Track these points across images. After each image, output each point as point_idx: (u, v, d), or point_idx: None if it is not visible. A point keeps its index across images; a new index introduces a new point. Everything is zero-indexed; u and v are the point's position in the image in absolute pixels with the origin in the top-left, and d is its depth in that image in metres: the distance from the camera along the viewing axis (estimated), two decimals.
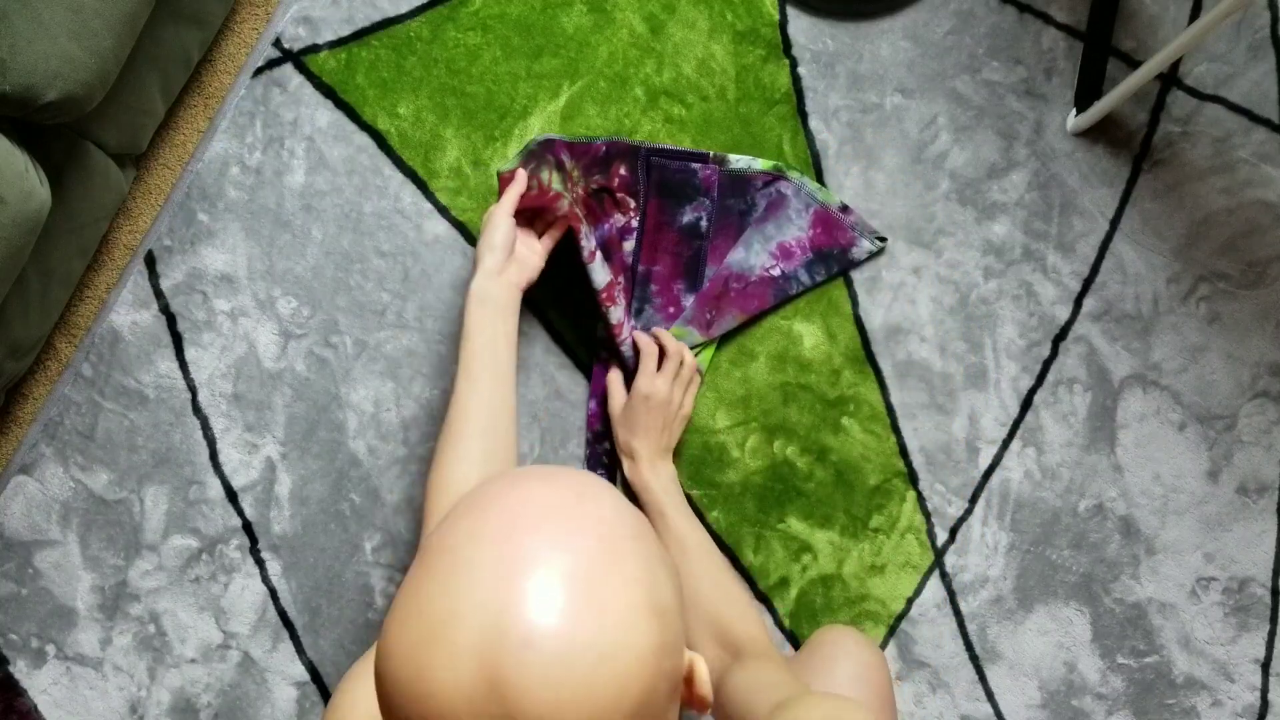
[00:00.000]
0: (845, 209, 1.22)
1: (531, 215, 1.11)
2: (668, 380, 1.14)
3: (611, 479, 1.18)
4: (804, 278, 1.22)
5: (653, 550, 0.49)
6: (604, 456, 1.21)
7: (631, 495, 1.14)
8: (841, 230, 1.22)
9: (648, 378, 1.13)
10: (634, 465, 1.12)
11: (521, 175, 1.08)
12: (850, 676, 1.01)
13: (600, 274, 1.15)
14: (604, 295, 1.18)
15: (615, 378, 1.17)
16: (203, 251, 1.22)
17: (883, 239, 1.22)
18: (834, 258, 1.22)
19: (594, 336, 1.22)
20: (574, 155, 1.18)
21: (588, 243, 1.15)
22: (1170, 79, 1.25)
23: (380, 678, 0.45)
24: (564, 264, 1.16)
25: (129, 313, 1.21)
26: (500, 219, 1.04)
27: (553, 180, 1.15)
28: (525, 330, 1.22)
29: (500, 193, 1.12)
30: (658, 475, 1.10)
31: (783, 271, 1.21)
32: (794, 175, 1.22)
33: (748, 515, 1.22)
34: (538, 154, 1.14)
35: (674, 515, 1.07)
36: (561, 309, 1.22)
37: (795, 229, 1.22)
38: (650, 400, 1.12)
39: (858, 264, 1.22)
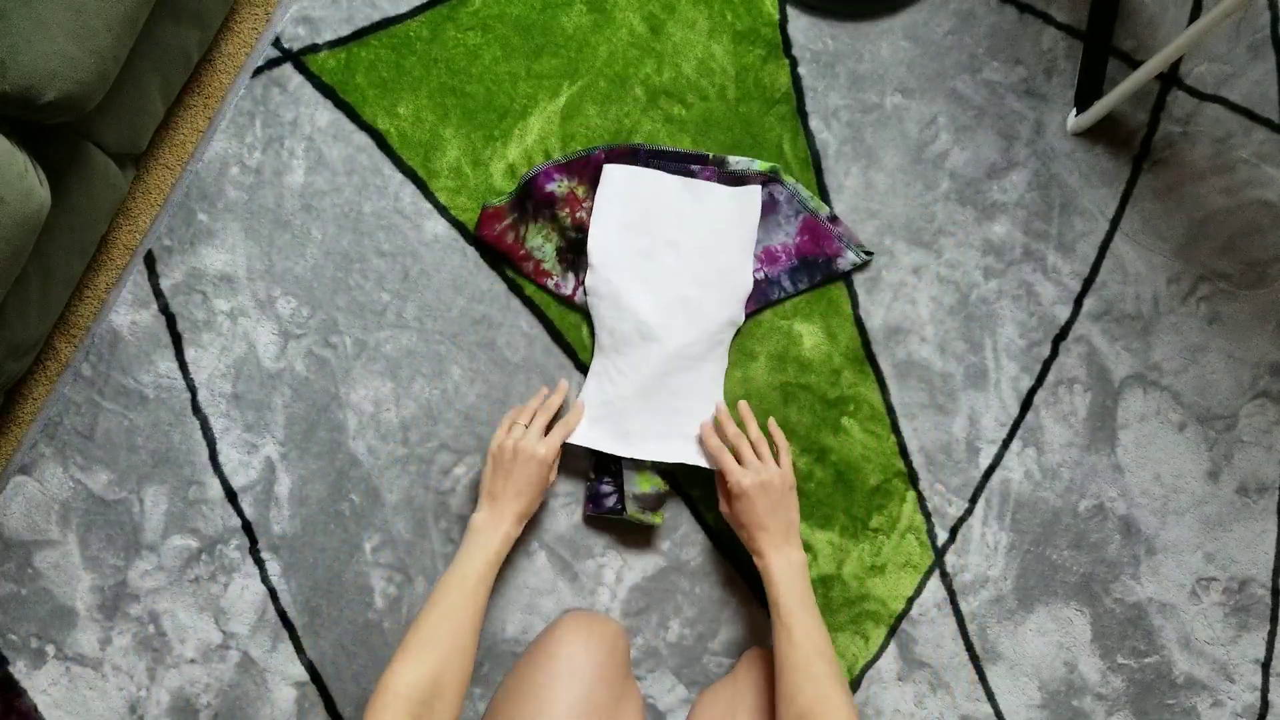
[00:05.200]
0: (834, 219, 1.22)
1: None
2: (771, 461, 1.11)
3: (621, 505, 1.18)
4: (786, 284, 1.22)
5: None
6: (607, 492, 1.20)
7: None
8: (828, 240, 1.22)
9: (753, 469, 1.10)
10: (763, 562, 1.06)
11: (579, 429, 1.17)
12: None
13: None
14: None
15: (722, 472, 1.12)
16: (202, 251, 1.21)
17: (869, 253, 1.22)
18: (818, 267, 1.22)
19: (591, 339, 1.22)
20: (573, 172, 1.19)
21: (565, 284, 1.20)
22: (1170, 79, 1.25)
23: None
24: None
25: (129, 313, 1.21)
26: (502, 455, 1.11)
27: (528, 235, 1.20)
28: (525, 330, 1.22)
29: (480, 225, 1.20)
30: (789, 566, 1.05)
31: (766, 275, 1.21)
32: (789, 181, 1.22)
33: None
34: (528, 195, 1.19)
35: (788, 609, 1.01)
36: (561, 309, 1.22)
37: (783, 234, 1.22)
38: (769, 487, 1.08)
39: (841, 275, 1.22)
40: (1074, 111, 1.24)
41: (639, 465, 1.18)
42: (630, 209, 1.18)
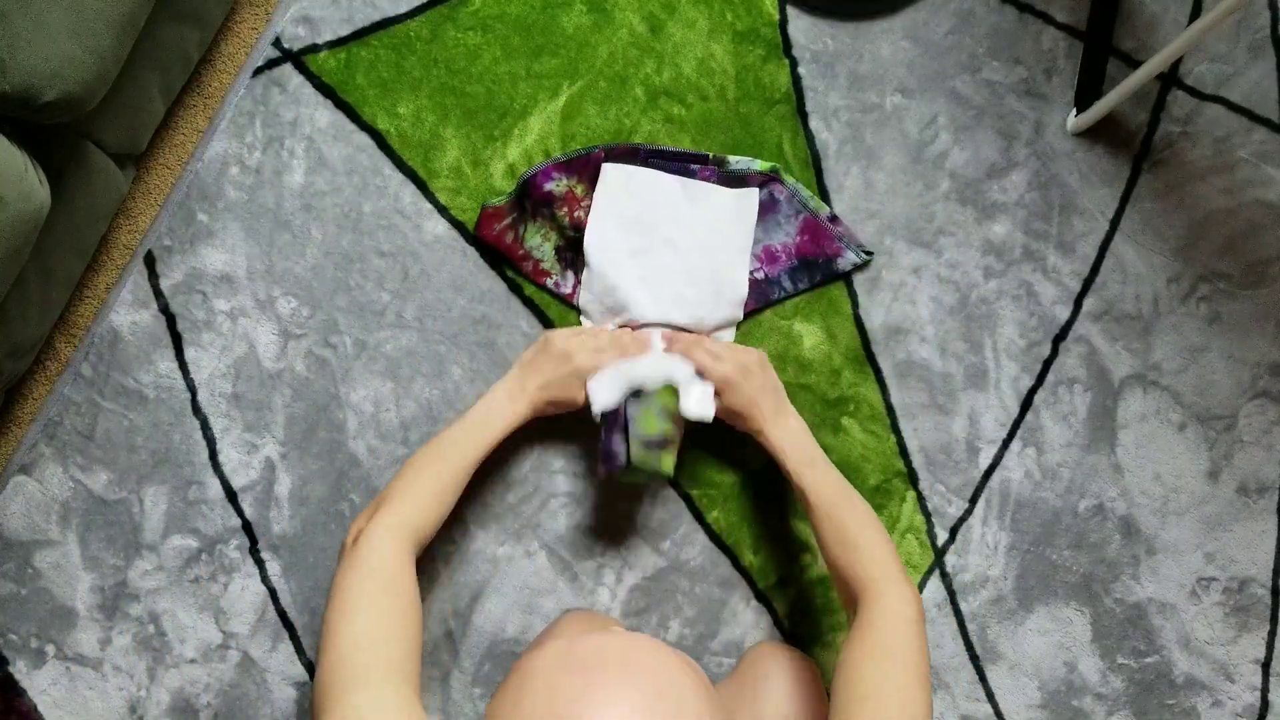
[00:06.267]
0: (834, 219, 1.22)
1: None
2: (721, 352, 1.12)
3: (628, 460, 1.11)
4: (786, 284, 1.22)
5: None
6: (618, 450, 1.16)
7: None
8: (828, 240, 1.22)
9: (725, 357, 1.11)
10: (765, 438, 1.09)
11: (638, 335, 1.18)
12: (783, 693, 1.04)
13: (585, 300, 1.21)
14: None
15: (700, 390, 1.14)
16: (202, 251, 1.21)
17: (869, 253, 1.22)
18: (818, 267, 1.22)
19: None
20: (572, 170, 1.19)
21: (564, 283, 1.20)
22: (1170, 79, 1.25)
23: None
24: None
25: (129, 313, 1.21)
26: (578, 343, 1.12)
27: (526, 234, 1.19)
28: (525, 330, 1.22)
29: (480, 225, 1.20)
30: (789, 434, 1.08)
31: (766, 275, 1.21)
32: (789, 180, 1.22)
33: (748, 515, 1.22)
34: (527, 194, 1.18)
35: (797, 474, 1.04)
36: (561, 309, 1.22)
37: (783, 234, 1.22)
38: (747, 368, 1.10)
39: (841, 275, 1.22)
40: (1074, 111, 1.24)
41: (645, 406, 1.10)
42: (628, 208, 1.18)
